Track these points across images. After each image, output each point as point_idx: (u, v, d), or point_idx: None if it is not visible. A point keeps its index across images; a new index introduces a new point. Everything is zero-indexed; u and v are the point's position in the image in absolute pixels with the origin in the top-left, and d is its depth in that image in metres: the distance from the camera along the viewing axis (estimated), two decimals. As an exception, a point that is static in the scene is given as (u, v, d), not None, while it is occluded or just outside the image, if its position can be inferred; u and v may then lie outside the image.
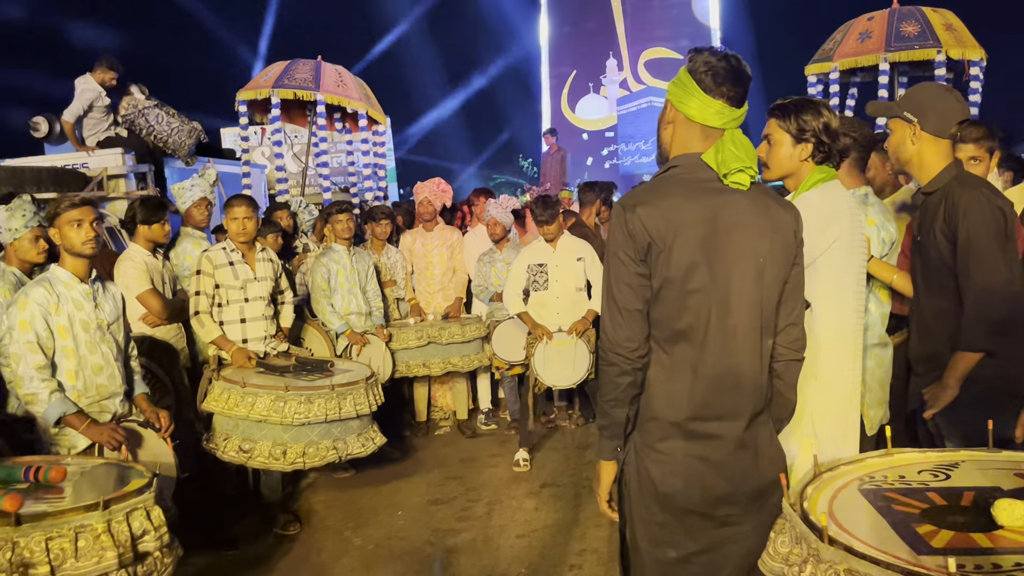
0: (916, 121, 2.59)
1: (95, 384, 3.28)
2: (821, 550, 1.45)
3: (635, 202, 1.91)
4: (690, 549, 1.95)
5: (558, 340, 5.19)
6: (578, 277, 5.34)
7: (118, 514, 2.25)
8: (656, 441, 1.95)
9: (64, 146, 7.92)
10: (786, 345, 2.01)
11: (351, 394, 4.02)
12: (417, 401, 6.31)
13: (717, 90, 1.91)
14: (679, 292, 1.88)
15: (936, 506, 1.64)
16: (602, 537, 4.09)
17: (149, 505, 2.37)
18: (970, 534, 1.49)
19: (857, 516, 1.61)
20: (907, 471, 1.86)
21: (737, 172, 1.87)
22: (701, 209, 1.89)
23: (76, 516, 2.17)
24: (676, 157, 1.99)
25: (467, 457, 5.61)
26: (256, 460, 3.95)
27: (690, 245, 1.87)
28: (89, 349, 3.25)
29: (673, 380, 1.93)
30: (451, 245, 6.22)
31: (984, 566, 1.34)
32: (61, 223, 3.17)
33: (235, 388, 3.94)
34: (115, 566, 2.18)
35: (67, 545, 2.13)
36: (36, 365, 3.09)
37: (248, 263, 4.49)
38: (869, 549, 1.42)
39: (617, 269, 1.92)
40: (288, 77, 7.80)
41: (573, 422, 6.23)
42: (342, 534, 4.34)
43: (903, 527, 1.40)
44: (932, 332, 2.71)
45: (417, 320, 5.96)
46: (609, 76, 17.07)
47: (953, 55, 7.47)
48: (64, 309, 3.18)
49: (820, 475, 1.84)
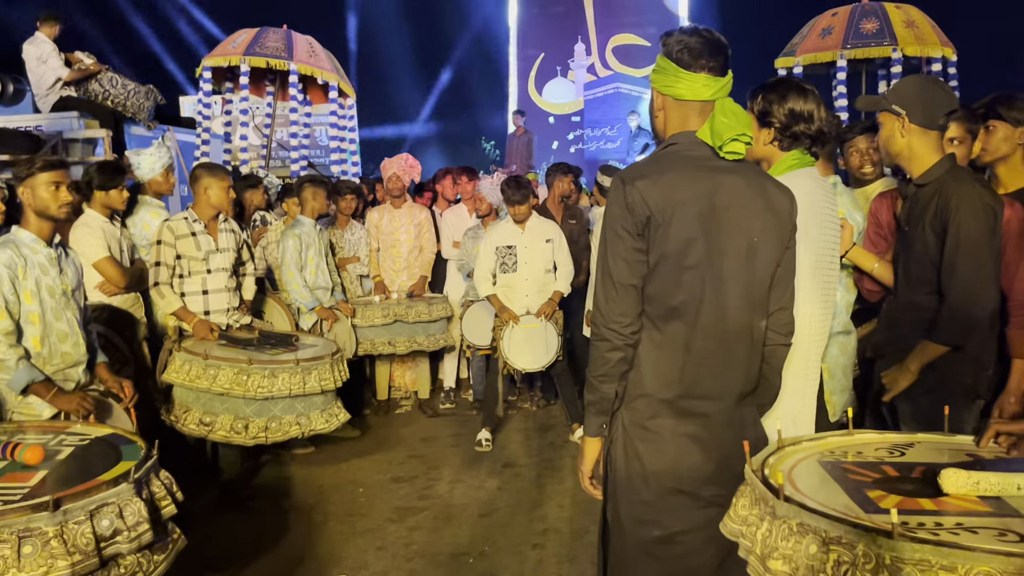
0: (904, 114, 2.60)
1: (60, 352, 3.18)
2: (777, 507, 1.54)
3: (635, 176, 1.89)
4: (674, 528, 1.96)
5: (526, 323, 5.19)
6: (547, 258, 5.33)
7: (76, 513, 1.94)
8: (645, 419, 1.95)
9: (17, 107, 7.67)
10: (775, 329, 2.02)
11: (316, 369, 3.96)
12: (379, 379, 6.26)
13: (696, 64, 1.92)
14: (674, 268, 1.88)
15: (888, 476, 1.72)
16: (564, 517, 4.12)
17: (124, 499, 2.07)
18: (917, 499, 1.57)
19: (814, 482, 1.68)
20: (865, 449, 1.94)
21: (731, 141, 1.87)
22: (699, 186, 1.88)
23: (21, 518, 1.87)
24: (674, 135, 1.99)
25: (428, 436, 5.60)
26: (217, 434, 3.88)
27: (688, 221, 1.86)
28: (55, 315, 3.16)
29: (664, 357, 1.93)
30: (419, 223, 6.16)
31: (927, 524, 1.42)
32: (36, 184, 3.06)
33: (197, 360, 3.86)
34: None
35: (8, 552, 1.84)
36: (4, 330, 2.98)
37: (211, 234, 4.39)
38: (820, 507, 1.50)
39: (614, 243, 1.91)
40: (259, 45, 7.61)
41: (535, 404, 6.25)
42: (302, 510, 4.30)
43: (856, 492, 1.49)
44: (900, 320, 2.76)
45: (382, 298, 5.91)
46: (577, 60, 17.02)
47: (910, 52, 7.58)
48: (31, 273, 3.08)
49: (783, 448, 1.89)
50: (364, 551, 3.78)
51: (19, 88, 7.73)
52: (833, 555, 1.39)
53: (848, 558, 1.37)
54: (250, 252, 4.79)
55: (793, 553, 1.46)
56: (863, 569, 1.33)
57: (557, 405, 6.15)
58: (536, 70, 17.54)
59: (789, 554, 1.47)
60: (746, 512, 1.67)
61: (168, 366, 4.00)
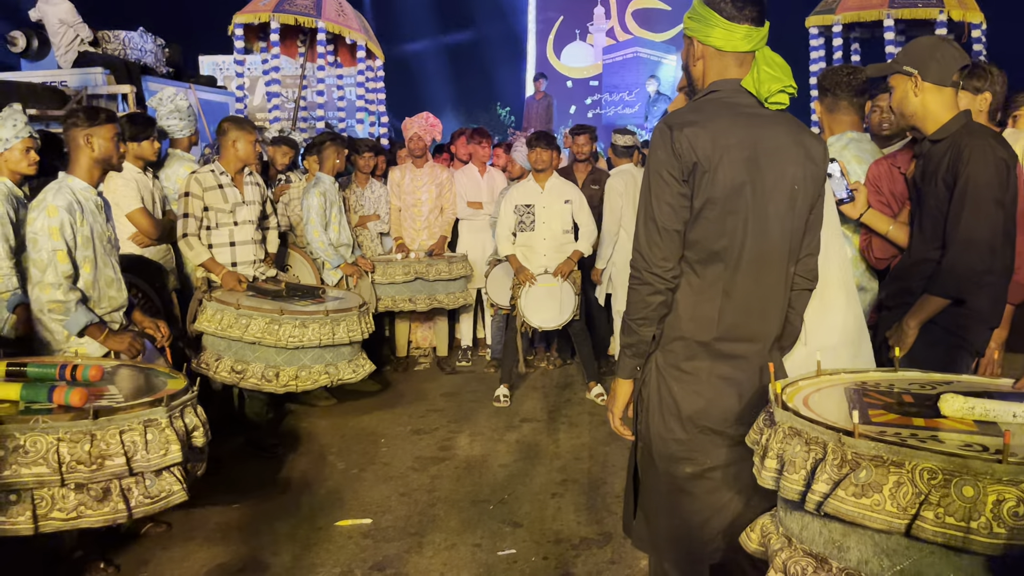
0: (916, 72, 2.59)
1: (107, 295, 3.32)
2: (776, 413, 1.69)
3: (682, 122, 1.92)
4: (705, 465, 2.04)
5: (544, 282, 5.25)
6: (565, 219, 5.38)
7: (176, 410, 2.33)
8: (681, 360, 2.02)
9: (42, 63, 7.73)
10: (802, 274, 2.08)
11: (344, 320, 4.06)
12: (398, 336, 6.37)
13: (740, 15, 1.94)
14: (720, 213, 1.92)
15: (901, 402, 1.78)
16: (582, 469, 4.23)
17: (195, 402, 2.47)
18: (911, 418, 1.66)
19: (826, 401, 1.79)
20: (899, 383, 1.97)
21: (778, 93, 1.92)
22: (745, 132, 1.92)
23: (143, 411, 2.24)
24: (715, 82, 2.01)
25: (448, 392, 5.71)
26: (248, 381, 4.00)
27: (735, 167, 1.90)
28: (103, 262, 3.29)
29: (703, 301, 1.98)
30: (440, 183, 6.21)
31: (902, 434, 1.54)
32: (101, 134, 3.20)
33: (229, 309, 3.96)
34: (180, 458, 2.26)
35: (137, 438, 2.20)
36: (65, 274, 3.11)
37: (237, 186, 4.47)
38: (809, 414, 1.65)
39: (659, 188, 1.94)
40: (288, 2, 7.60)
41: (551, 363, 6.34)
42: (326, 458, 4.43)
43: (857, 410, 1.57)
44: (909, 274, 2.76)
45: (403, 256, 5.99)
46: (596, 24, 16.86)
47: (955, 16, 7.50)
48: (87, 219, 3.20)
49: (820, 375, 1.96)
50: (388, 497, 3.91)
51: (44, 43, 7.79)
52: (812, 453, 1.56)
53: (821, 455, 1.54)
54: (272, 207, 4.88)
55: (783, 452, 1.63)
56: (832, 464, 1.50)
57: (574, 364, 6.25)
58: (555, 33, 17.41)
59: (780, 453, 1.63)
60: (761, 423, 1.80)
61: (199, 315, 4.11)
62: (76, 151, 3.23)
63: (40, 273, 3.10)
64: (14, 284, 3.52)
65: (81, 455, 2.12)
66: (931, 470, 1.39)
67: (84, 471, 2.12)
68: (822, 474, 1.51)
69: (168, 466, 2.25)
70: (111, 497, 2.18)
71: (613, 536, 3.45)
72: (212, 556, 3.32)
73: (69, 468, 2.10)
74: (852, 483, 1.45)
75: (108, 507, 2.18)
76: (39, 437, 2.11)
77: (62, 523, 2.15)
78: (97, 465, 2.13)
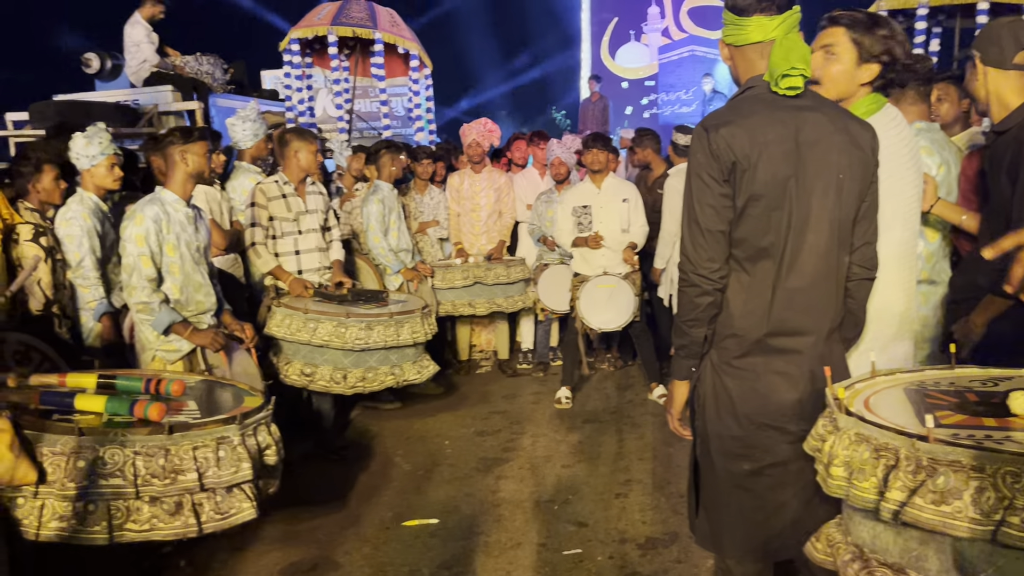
0: (978, 55, 2.50)
1: (195, 300, 3.51)
2: (840, 420, 1.66)
3: (718, 122, 1.94)
4: (764, 462, 2.03)
5: (603, 283, 5.24)
6: (623, 218, 5.35)
7: (249, 428, 2.39)
8: (734, 358, 2.02)
9: (115, 82, 8.04)
10: (860, 263, 2.05)
11: (408, 322, 4.14)
12: (459, 340, 6.45)
13: (748, 8, 1.94)
14: (763, 209, 1.92)
15: (967, 401, 1.74)
16: (646, 469, 4.21)
17: (269, 420, 2.52)
18: (981, 419, 1.61)
19: (889, 404, 1.75)
20: (959, 380, 1.94)
21: (783, 77, 1.88)
22: (783, 126, 1.91)
23: (217, 428, 2.30)
24: (748, 80, 2.02)
25: (509, 394, 5.75)
26: (318, 383, 4.11)
27: (775, 162, 1.90)
28: (191, 268, 3.48)
29: (753, 298, 1.98)
30: (499, 187, 6.26)
31: (976, 436, 1.49)
32: (195, 150, 3.40)
33: (297, 314, 4.08)
34: (250, 476, 2.31)
35: (210, 455, 2.26)
36: (148, 277, 3.32)
37: (300, 195, 4.59)
38: (875, 419, 1.60)
39: (700, 191, 1.95)
40: (344, 15, 7.78)
41: (612, 364, 6.33)
42: (392, 459, 4.51)
43: (922, 412, 1.54)
44: (977, 268, 2.67)
45: (462, 261, 6.05)
46: (651, 24, 16.77)
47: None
48: (173, 228, 3.40)
49: (875, 376, 1.93)
50: (453, 497, 3.96)
51: (116, 64, 8.09)
52: (882, 460, 1.51)
53: (893, 461, 1.49)
54: (335, 215, 4.99)
55: (850, 459, 1.59)
56: (905, 470, 1.46)
57: (635, 366, 6.23)
58: (609, 35, 17.36)
59: (847, 460, 1.59)
60: (823, 429, 1.76)
61: (268, 321, 4.23)
62: (172, 167, 3.43)
63: (127, 276, 3.33)
64: (100, 294, 3.79)
65: (156, 469, 2.18)
66: (1014, 473, 1.34)
67: (158, 484, 2.18)
68: (896, 481, 1.47)
69: (239, 483, 2.30)
70: (183, 511, 2.24)
71: (679, 535, 3.43)
72: (284, 555, 3.42)
73: (144, 481, 2.17)
74: (930, 490, 1.41)
75: (179, 521, 2.23)
76: (116, 450, 2.18)
77: (136, 535, 2.21)
78: (170, 479, 2.19)
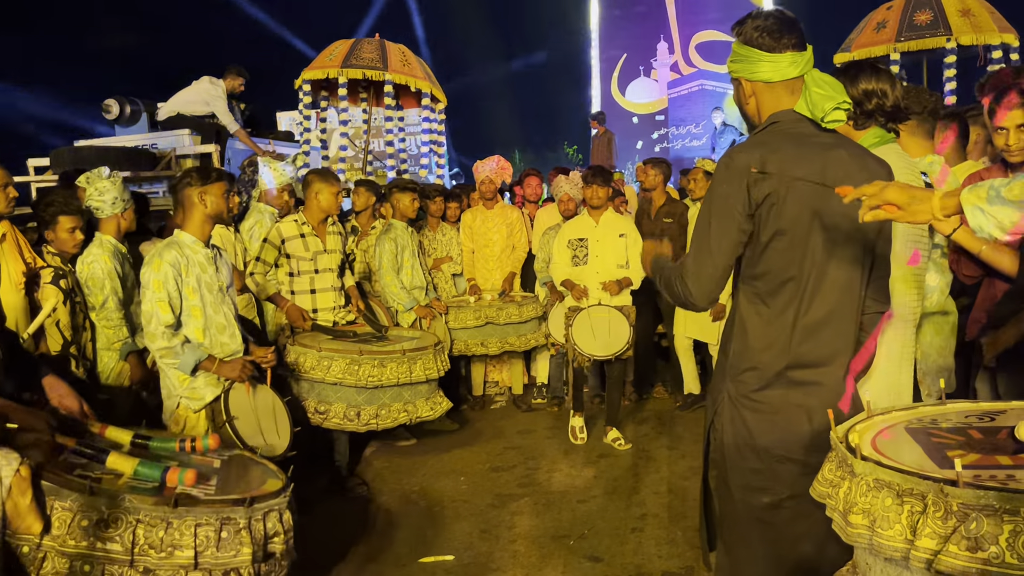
0: None
1: (219, 341, 3.45)
2: (855, 465, 1.60)
3: (748, 156, 1.94)
4: (783, 495, 2.02)
5: (597, 313, 5.21)
6: (619, 253, 5.35)
7: (258, 512, 2.31)
8: (753, 391, 2.02)
9: (134, 128, 8.22)
10: (873, 297, 2.06)
11: (421, 359, 4.18)
12: (474, 376, 6.46)
13: (780, 45, 1.96)
14: (788, 244, 1.93)
15: (972, 439, 1.72)
16: (662, 503, 4.20)
17: (283, 508, 2.42)
18: (995, 456, 1.58)
19: (897, 446, 1.72)
20: (955, 416, 1.92)
21: (833, 111, 1.91)
22: (810, 163, 1.92)
23: (224, 508, 2.25)
24: (773, 114, 2.02)
25: (524, 429, 5.75)
26: (331, 421, 4.13)
27: (804, 198, 1.91)
28: (214, 309, 3.44)
29: (774, 331, 1.98)
30: (511, 223, 6.32)
31: (998, 476, 1.46)
32: (214, 191, 3.39)
33: (311, 352, 4.12)
34: (248, 561, 2.24)
35: (212, 534, 2.20)
36: (167, 323, 3.27)
37: (319, 235, 4.66)
38: (894, 463, 1.55)
39: (722, 223, 1.96)
40: (355, 57, 7.95)
41: (627, 398, 6.31)
42: (408, 496, 4.51)
43: (936, 452, 1.51)
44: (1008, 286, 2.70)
45: (476, 299, 6.08)
46: (660, 59, 16.99)
47: (964, 42, 7.51)
48: (192, 271, 3.37)
49: (872, 416, 1.92)
50: (469, 534, 3.96)
51: (135, 110, 8.29)
52: (907, 506, 1.46)
53: (920, 507, 1.44)
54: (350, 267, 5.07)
55: (871, 507, 1.54)
56: (933, 517, 1.41)
57: (649, 399, 6.22)
58: (619, 71, 17.58)
59: (867, 508, 1.54)
60: (831, 475, 1.73)
61: (283, 359, 4.27)
62: (190, 208, 3.40)
63: (147, 323, 3.29)
64: (124, 334, 3.81)
65: (154, 540, 2.14)
66: None
67: (153, 556, 2.14)
68: (925, 528, 1.42)
69: (236, 568, 2.24)
70: None
71: (695, 569, 3.41)
72: (301, 593, 3.42)
73: (141, 551, 2.13)
74: (963, 536, 1.37)
75: None
76: (120, 514, 2.15)
77: None
78: (167, 553, 2.14)
